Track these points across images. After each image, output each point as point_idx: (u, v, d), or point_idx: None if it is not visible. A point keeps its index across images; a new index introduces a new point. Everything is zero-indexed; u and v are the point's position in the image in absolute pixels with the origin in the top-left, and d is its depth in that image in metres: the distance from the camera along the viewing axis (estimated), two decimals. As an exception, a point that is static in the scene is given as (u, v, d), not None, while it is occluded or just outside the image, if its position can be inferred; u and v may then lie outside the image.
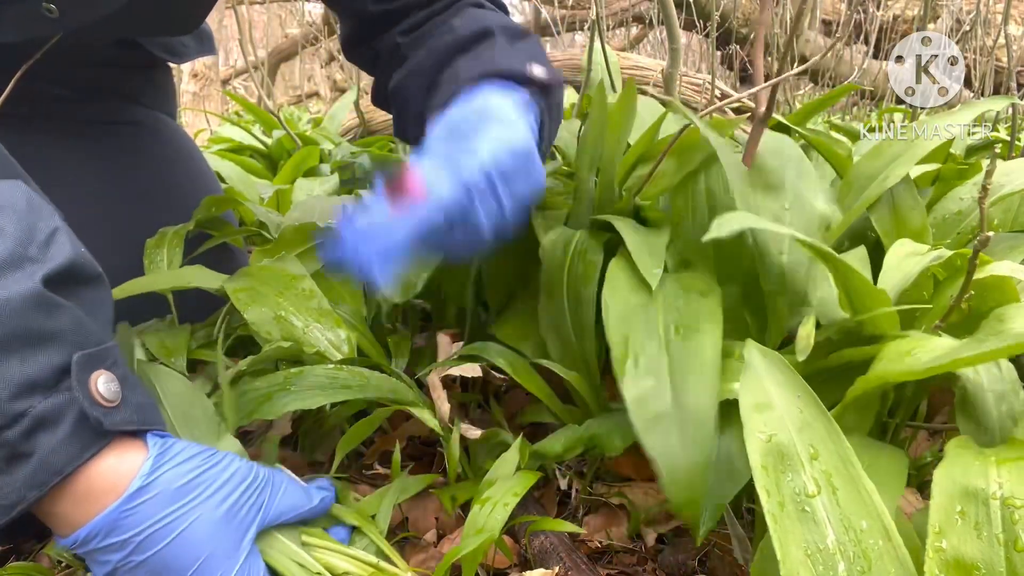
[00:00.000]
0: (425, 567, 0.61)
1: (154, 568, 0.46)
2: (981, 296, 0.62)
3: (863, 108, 3.71)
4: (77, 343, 0.47)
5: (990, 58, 2.28)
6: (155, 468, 0.47)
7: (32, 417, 0.44)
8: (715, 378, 0.52)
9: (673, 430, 0.50)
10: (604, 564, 0.63)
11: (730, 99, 0.78)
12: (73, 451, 0.45)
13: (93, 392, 0.46)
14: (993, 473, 0.40)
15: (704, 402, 0.51)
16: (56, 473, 0.44)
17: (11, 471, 0.44)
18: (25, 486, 0.44)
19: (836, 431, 0.42)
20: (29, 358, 0.45)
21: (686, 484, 0.48)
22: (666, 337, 0.56)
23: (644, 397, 0.53)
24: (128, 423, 0.48)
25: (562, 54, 2.06)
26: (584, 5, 3.94)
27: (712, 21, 1.41)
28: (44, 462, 0.44)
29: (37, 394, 0.44)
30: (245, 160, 1.53)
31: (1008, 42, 1.54)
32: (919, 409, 0.74)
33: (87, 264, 0.52)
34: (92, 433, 0.46)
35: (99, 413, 0.46)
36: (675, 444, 0.50)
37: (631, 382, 0.54)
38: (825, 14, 4.28)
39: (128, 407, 0.48)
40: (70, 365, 0.46)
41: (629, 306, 0.60)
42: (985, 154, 1.18)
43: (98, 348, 0.48)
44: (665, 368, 0.54)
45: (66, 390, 0.45)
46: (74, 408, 0.45)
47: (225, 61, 5.52)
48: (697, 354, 0.54)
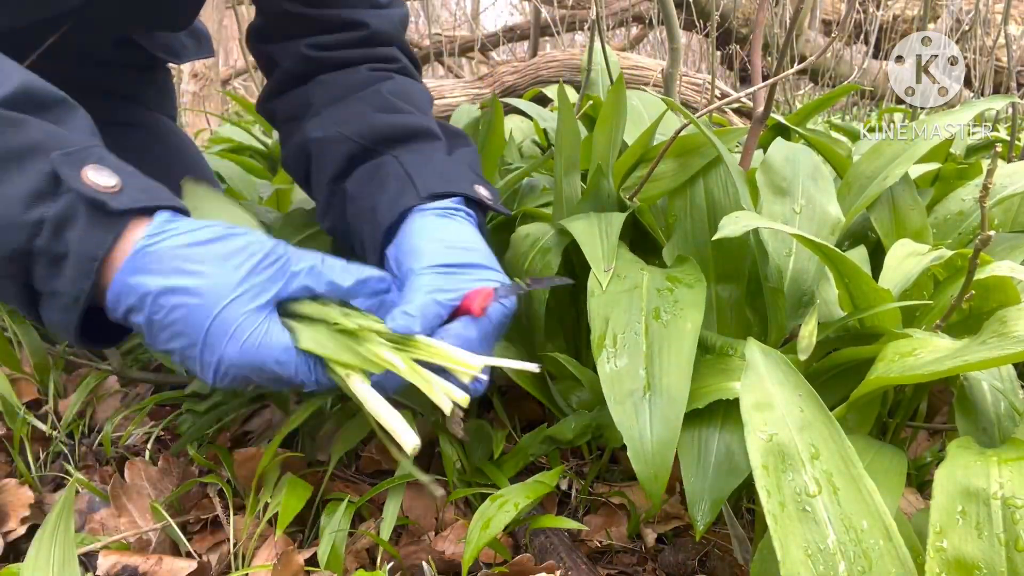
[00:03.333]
0: (415, 559, 0.61)
1: (174, 327, 0.50)
2: (982, 296, 0.63)
3: (863, 108, 3.71)
4: (56, 148, 0.51)
5: (990, 58, 2.28)
6: (158, 232, 0.51)
7: (50, 221, 0.49)
8: (690, 363, 0.54)
9: (643, 407, 0.53)
10: (604, 564, 0.63)
11: (730, 99, 0.78)
12: (98, 236, 0.50)
13: (88, 182, 0.50)
14: (994, 473, 0.40)
15: (677, 384, 0.53)
16: (92, 259, 0.50)
17: (59, 271, 0.50)
18: (75, 280, 0.50)
19: (837, 430, 0.42)
20: (20, 174, 0.50)
21: (652, 460, 0.51)
22: (647, 322, 0.58)
23: (619, 374, 0.55)
24: (136, 201, 0.51)
25: (562, 54, 2.06)
26: (584, 5, 3.94)
27: (712, 21, 1.41)
28: (80, 254, 0.49)
29: (45, 202, 0.49)
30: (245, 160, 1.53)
31: (1008, 42, 1.54)
32: (919, 409, 0.74)
33: (45, 90, 0.55)
34: (106, 217, 0.50)
35: (104, 198, 0.50)
36: (644, 421, 0.52)
37: (607, 359, 0.56)
38: (825, 14, 4.28)
39: (131, 189, 0.52)
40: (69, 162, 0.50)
41: (614, 291, 0.61)
42: (985, 154, 1.18)
43: (78, 148, 0.52)
44: (642, 349, 0.56)
45: (66, 191, 0.50)
46: (81, 201, 0.50)
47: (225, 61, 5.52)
48: (676, 339, 0.56)
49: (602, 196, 0.76)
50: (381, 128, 0.74)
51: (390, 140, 0.74)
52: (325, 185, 0.77)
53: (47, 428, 0.79)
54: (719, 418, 0.55)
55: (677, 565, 0.61)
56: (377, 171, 0.72)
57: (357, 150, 0.74)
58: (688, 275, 0.63)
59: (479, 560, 0.60)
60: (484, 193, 0.71)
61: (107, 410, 0.84)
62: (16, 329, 0.86)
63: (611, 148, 0.78)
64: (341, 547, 0.59)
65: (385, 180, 0.71)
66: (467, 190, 0.70)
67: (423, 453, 0.72)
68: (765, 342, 0.66)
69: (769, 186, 0.81)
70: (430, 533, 0.64)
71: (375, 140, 0.74)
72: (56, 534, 0.48)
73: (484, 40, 4.48)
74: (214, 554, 0.62)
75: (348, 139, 0.75)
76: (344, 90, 0.79)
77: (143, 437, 0.79)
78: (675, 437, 0.51)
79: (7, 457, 0.74)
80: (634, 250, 0.70)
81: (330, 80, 0.81)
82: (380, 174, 0.72)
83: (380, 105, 0.77)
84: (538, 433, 0.69)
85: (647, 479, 0.50)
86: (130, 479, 0.67)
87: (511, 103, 1.41)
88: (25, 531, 0.65)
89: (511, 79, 2.05)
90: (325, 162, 0.77)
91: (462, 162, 0.75)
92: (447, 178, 0.70)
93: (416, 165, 0.71)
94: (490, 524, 0.56)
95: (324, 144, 0.76)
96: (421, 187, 0.68)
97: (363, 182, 0.73)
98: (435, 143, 0.75)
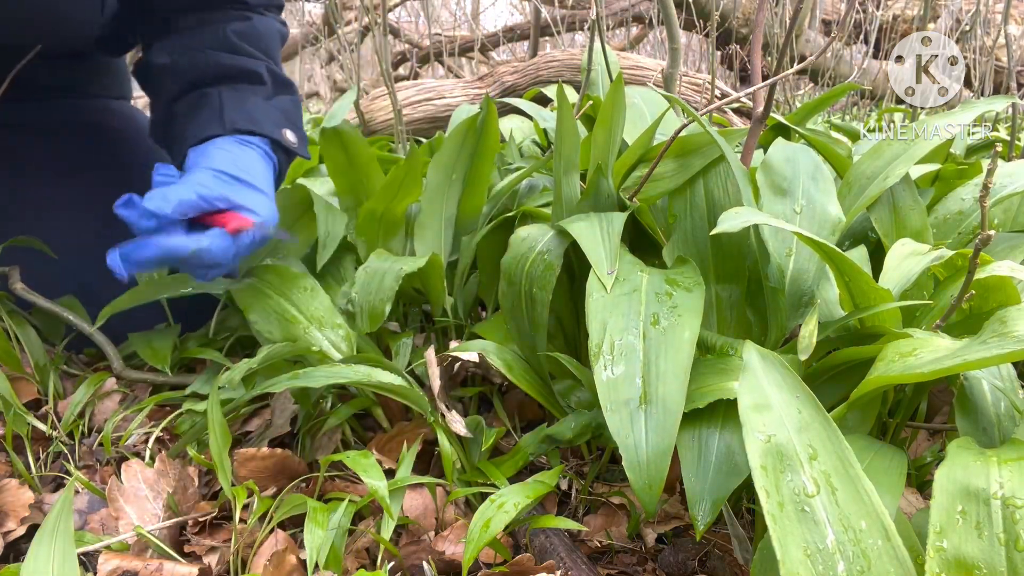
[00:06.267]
0: (415, 559, 0.61)
1: None
2: (982, 296, 0.62)
3: (863, 108, 3.71)
4: None
5: (990, 58, 2.27)
6: None
7: None
8: (687, 372, 0.54)
9: (639, 416, 0.52)
10: (604, 564, 0.63)
11: (730, 99, 0.78)
12: None
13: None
14: (994, 473, 0.40)
15: (673, 392, 0.53)
16: None
17: None
18: None
19: (835, 431, 0.42)
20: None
21: (646, 469, 0.50)
22: (644, 328, 0.57)
23: (615, 382, 0.54)
24: None
25: (562, 54, 2.06)
26: (584, 5, 3.94)
27: (712, 21, 1.41)
28: None
29: None
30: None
31: (1008, 42, 1.54)
32: (919, 409, 0.74)
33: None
34: None
35: None
36: (640, 431, 0.52)
37: (604, 366, 0.55)
38: (825, 14, 4.28)
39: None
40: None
41: (612, 295, 0.61)
42: (985, 154, 1.18)
43: None
44: (639, 357, 0.55)
45: None
46: None
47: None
48: (673, 347, 0.55)
49: (601, 196, 0.76)
50: (215, 68, 0.85)
51: (220, 78, 0.85)
52: (162, 106, 0.89)
53: (47, 428, 0.79)
54: (719, 418, 0.55)
55: (677, 565, 0.61)
56: (199, 100, 0.84)
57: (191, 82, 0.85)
58: (687, 278, 0.62)
59: (479, 560, 0.60)
60: (290, 138, 0.85)
61: (107, 410, 0.84)
62: (16, 329, 0.86)
63: (610, 148, 0.78)
64: (341, 547, 0.59)
65: (201, 110, 0.82)
66: (271, 132, 0.83)
67: (423, 453, 0.72)
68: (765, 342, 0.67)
69: (769, 186, 0.81)
70: (430, 533, 0.64)
71: (208, 77, 0.85)
72: (56, 534, 0.48)
73: (484, 40, 4.48)
74: (214, 555, 0.62)
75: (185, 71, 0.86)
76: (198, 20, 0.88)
77: (143, 437, 0.79)
78: (670, 447, 0.51)
79: (7, 457, 0.74)
80: (633, 251, 0.70)
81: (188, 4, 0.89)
82: (199, 103, 0.83)
83: (222, 44, 0.87)
84: (538, 433, 0.70)
85: (641, 488, 0.50)
86: (127, 481, 0.66)
87: (511, 103, 1.41)
88: (25, 531, 0.65)
89: (511, 79, 2.05)
90: (164, 87, 0.88)
91: (277, 108, 0.87)
92: (254, 119, 0.82)
93: (232, 101, 0.83)
94: (490, 524, 0.56)
95: (166, 71, 0.87)
96: (228, 121, 0.80)
97: (187, 108, 0.85)
98: (257, 87, 0.87)
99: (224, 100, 0.82)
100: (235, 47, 0.87)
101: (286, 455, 0.69)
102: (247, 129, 0.81)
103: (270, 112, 0.85)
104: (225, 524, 0.65)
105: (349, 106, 2.15)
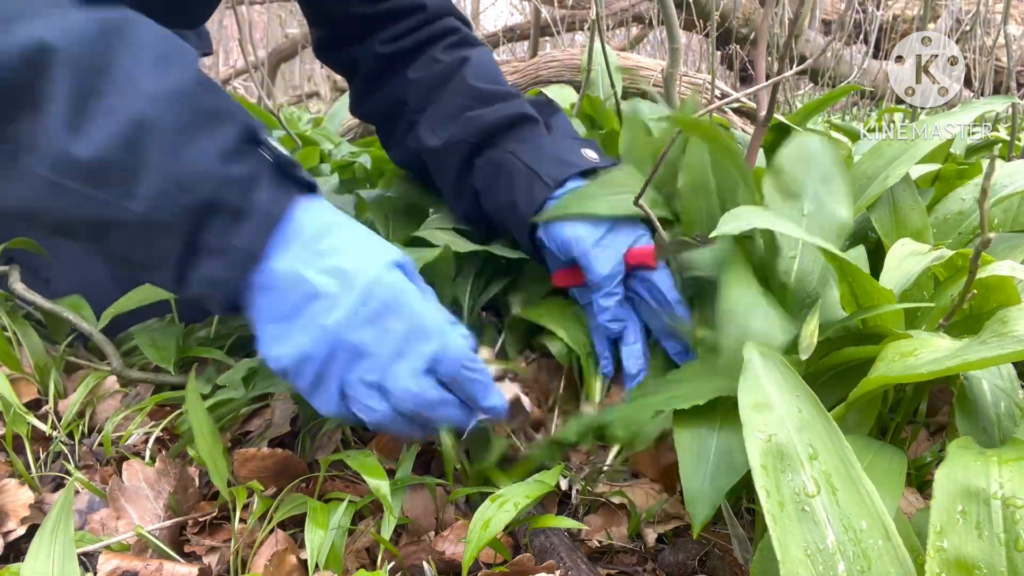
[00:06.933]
0: (416, 559, 0.61)
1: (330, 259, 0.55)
2: (982, 296, 0.62)
3: (863, 108, 3.71)
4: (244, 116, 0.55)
5: (990, 58, 2.27)
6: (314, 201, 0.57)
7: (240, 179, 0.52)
8: None
9: None
10: (604, 564, 0.63)
11: (730, 99, 0.78)
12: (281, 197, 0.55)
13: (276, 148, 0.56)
14: (994, 473, 0.40)
15: None
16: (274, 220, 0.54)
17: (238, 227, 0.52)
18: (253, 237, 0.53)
19: (835, 431, 0.42)
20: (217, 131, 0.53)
21: None
22: None
23: None
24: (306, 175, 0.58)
25: (562, 54, 2.06)
26: (584, 5, 3.94)
27: (712, 21, 1.41)
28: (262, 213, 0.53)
29: (235, 160, 0.53)
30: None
31: (1008, 42, 1.54)
32: (919, 409, 0.73)
33: None
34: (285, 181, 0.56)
35: (289, 162, 0.56)
36: None
37: None
38: (825, 14, 4.27)
39: None
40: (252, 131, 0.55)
41: None
42: (985, 154, 1.18)
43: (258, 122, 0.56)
44: None
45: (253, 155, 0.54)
46: (268, 166, 0.55)
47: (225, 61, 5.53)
48: None
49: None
50: (485, 127, 0.83)
51: (496, 135, 0.82)
52: (451, 184, 0.87)
53: (47, 428, 0.79)
54: (718, 417, 0.55)
55: (677, 565, 0.61)
56: (499, 170, 0.81)
57: (469, 150, 0.83)
58: None
59: (479, 560, 0.60)
60: (592, 155, 0.80)
61: (107, 410, 0.84)
62: (16, 329, 0.86)
63: None
64: (341, 547, 0.59)
65: (513, 178, 0.79)
66: (580, 163, 0.79)
67: (423, 453, 0.72)
68: (766, 342, 0.66)
69: (776, 186, 0.80)
70: (430, 533, 0.64)
71: (483, 137, 0.82)
72: (56, 534, 0.48)
73: (484, 40, 4.48)
74: (214, 556, 0.62)
75: (459, 144, 0.83)
76: (432, 88, 0.87)
77: (143, 437, 0.79)
78: None
79: (7, 457, 0.74)
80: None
81: (416, 80, 0.88)
82: (504, 172, 0.80)
83: (474, 96, 0.85)
84: (544, 439, 0.69)
85: None
86: (127, 480, 0.66)
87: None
88: (25, 531, 0.65)
89: (511, 79, 2.05)
90: (445, 168, 0.87)
91: (565, 135, 0.84)
92: (562, 160, 0.79)
93: (532, 157, 0.79)
94: (490, 524, 0.56)
95: (438, 153, 0.86)
96: (547, 177, 0.77)
97: (489, 180, 0.82)
98: (536, 126, 0.84)
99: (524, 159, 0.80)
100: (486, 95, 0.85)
101: (286, 455, 0.69)
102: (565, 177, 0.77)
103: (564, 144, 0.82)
104: (225, 524, 0.65)
105: (349, 106, 2.16)
